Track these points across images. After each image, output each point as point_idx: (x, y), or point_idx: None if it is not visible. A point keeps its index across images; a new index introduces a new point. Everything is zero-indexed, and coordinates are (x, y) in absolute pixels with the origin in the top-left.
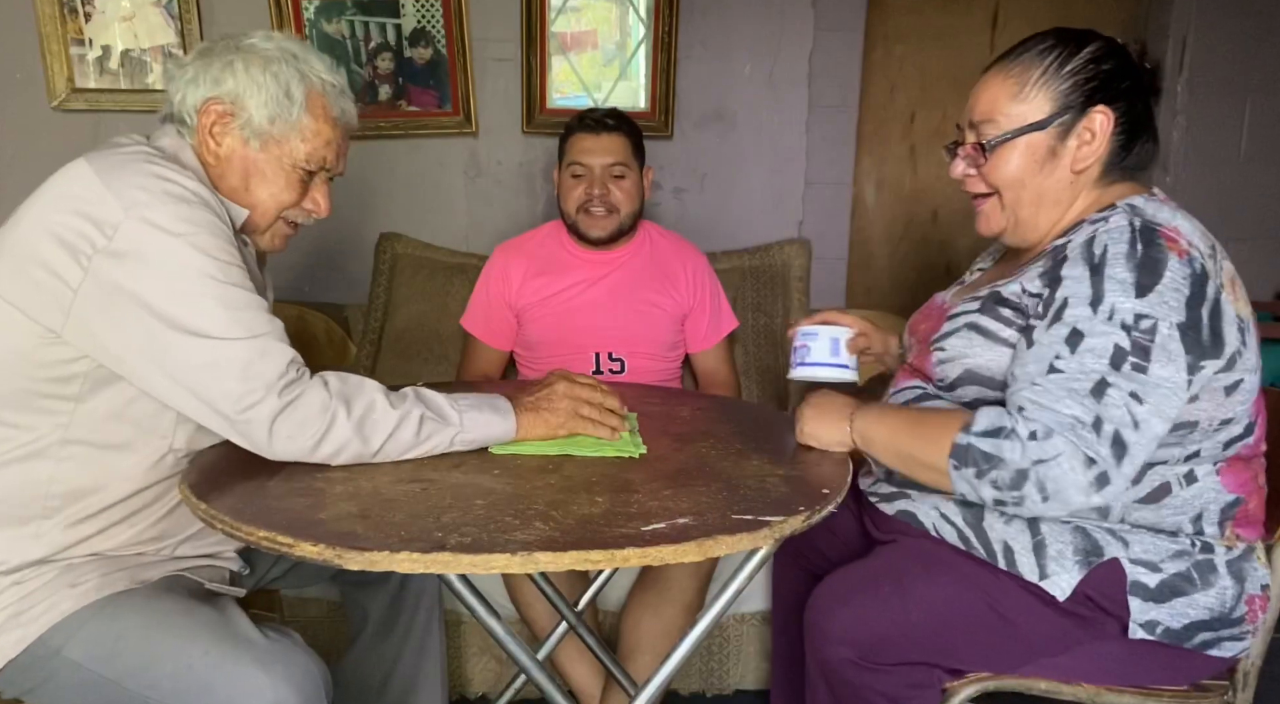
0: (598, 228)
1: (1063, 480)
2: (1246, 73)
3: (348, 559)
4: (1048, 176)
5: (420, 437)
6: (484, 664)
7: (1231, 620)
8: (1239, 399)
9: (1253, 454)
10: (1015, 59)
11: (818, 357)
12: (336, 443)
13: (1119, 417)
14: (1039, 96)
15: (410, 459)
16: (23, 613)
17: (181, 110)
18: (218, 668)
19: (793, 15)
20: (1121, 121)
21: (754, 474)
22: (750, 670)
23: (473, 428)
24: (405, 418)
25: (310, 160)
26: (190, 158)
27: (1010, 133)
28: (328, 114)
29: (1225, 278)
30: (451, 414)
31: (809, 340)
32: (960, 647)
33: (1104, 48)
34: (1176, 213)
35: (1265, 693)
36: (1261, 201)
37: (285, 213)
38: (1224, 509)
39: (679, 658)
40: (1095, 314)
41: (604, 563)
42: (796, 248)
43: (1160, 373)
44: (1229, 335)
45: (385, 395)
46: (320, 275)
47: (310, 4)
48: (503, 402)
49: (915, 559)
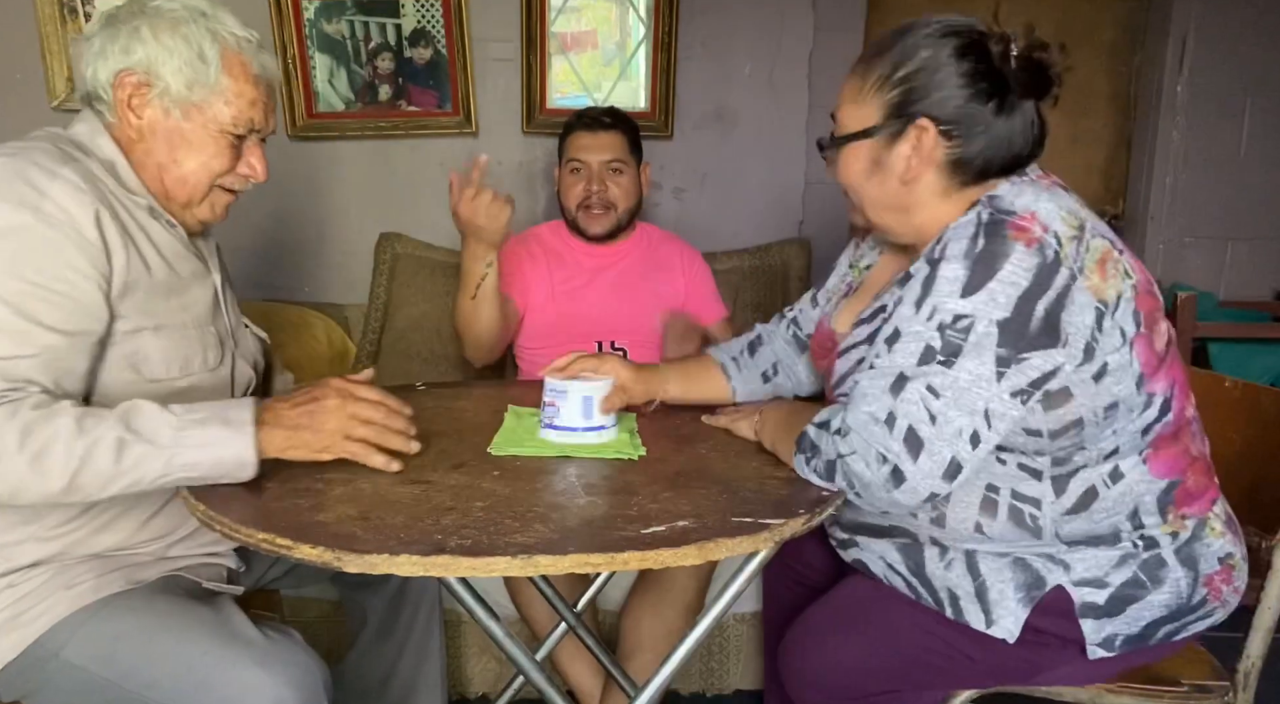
0: (596, 224)
1: (862, 476)
2: (1246, 73)
3: (347, 562)
4: (879, 186)
5: (122, 465)
6: (484, 664)
7: (1192, 607)
8: (1111, 381)
9: (1177, 429)
10: (868, 55)
11: (567, 419)
12: (9, 482)
13: (913, 412)
14: (872, 102)
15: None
16: (19, 616)
17: (94, 86)
18: (216, 667)
19: (793, 15)
20: (959, 129)
21: (753, 476)
22: (750, 670)
23: (191, 448)
24: (97, 444)
25: (237, 123)
26: (104, 143)
27: (841, 138)
28: (247, 72)
29: (1092, 260)
30: (163, 434)
31: (558, 399)
32: (926, 680)
33: (953, 50)
34: (1042, 194)
35: (1265, 693)
36: (1261, 201)
37: (220, 180)
38: (1160, 497)
39: (679, 659)
40: (917, 313)
41: (604, 566)
42: (796, 248)
43: (964, 365)
44: (1073, 324)
45: (78, 421)
46: (320, 275)
47: (310, 4)
48: (241, 413)
49: (875, 601)
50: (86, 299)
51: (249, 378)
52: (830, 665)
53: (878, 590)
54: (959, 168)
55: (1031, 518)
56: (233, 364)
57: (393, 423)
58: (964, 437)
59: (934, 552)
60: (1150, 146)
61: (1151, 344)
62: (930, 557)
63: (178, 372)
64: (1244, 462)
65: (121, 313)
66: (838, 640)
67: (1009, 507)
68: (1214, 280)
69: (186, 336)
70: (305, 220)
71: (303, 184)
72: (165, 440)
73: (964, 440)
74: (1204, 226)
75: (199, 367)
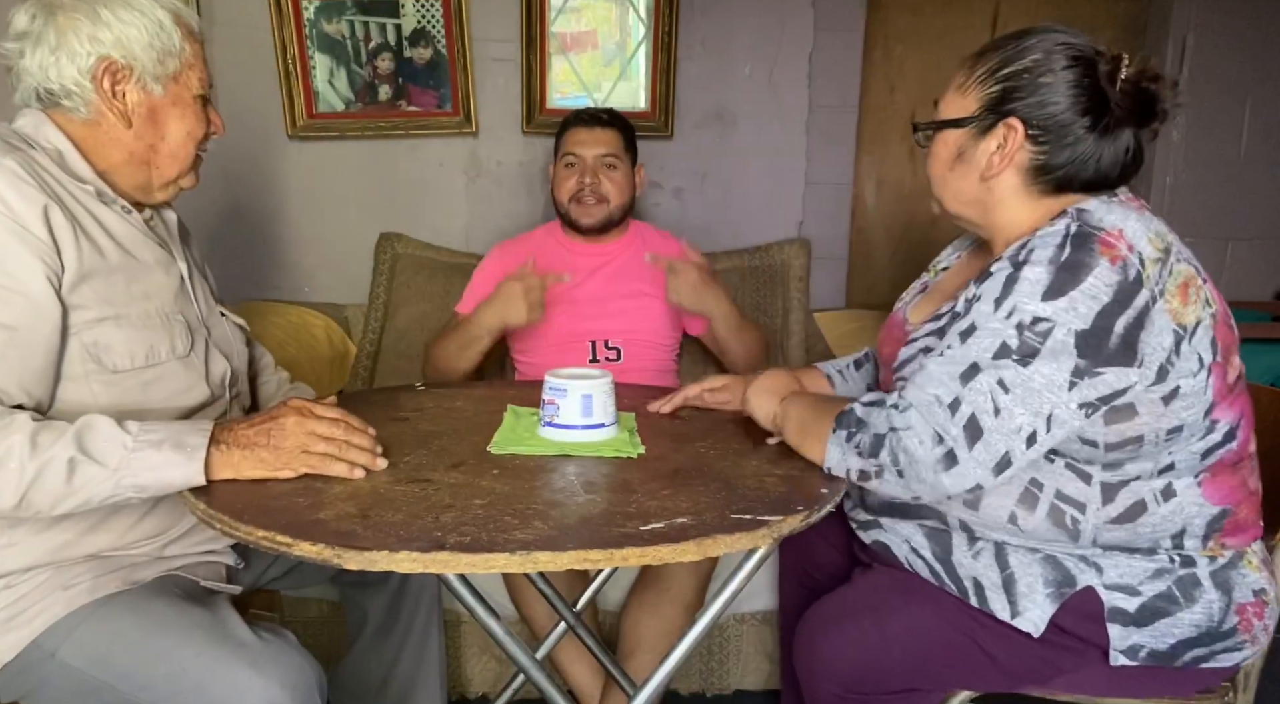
0: (588, 216)
1: (914, 452)
2: (1246, 73)
3: (347, 559)
4: (960, 177)
5: (73, 484)
6: (484, 664)
7: (1222, 634)
8: (1181, 405)
9: (1239, 458)
10: (986, 47)
11: (567, 418)
12: None
13: (979, 401)
14: (973, 93)
15: (82, 512)
16: (16, 616)
17: (61, 86)
18: (211, 669)
19: (793, 15)
20: (1047, 136)
21: (752, 474)
22: (750, 670)
23: (141, 471)
24: (49, 463)
25: (202, 84)
26: (50, 132)
27: (934, 124)
28: (192, 32)
29: (1174, 284)
30: (112, 455)
31: (558, 397)
32: (942, 676)
33: (1063, 58)
34: (1130, 214)
35: (1265, 693)
36: (1261, 201)
37: (200, 145)
38: (1209, 523)
39: (677, 658)
40: (996, 311)
41: (603, 562)
42: (796, 248)
43: (1039, 368)
44: (1150, 345)
45: (31, 438)
46: (320, 275)
47: (310, 4)
48: (194, 437)
49: (895, 590)
50: (34, 294)
51: (224, 369)
52: (846, 656)
53: (897, 580)
54: (1039, 174)
55: (1072, 520)
56: (206, 352)
57: (354, 439)
58: (1022, 434)
59: (962, 538)
60: (1150, 146)
61: (1225, 375)
62: (958, 543)
63: (143, 361)
64: None
65: (77, 303)
66: (855, 630)
67: (1050, 505)
68: (1214, 280)
69: (150, 324)
70: (305, 220)
71: (303, 184)
72: (114, 463)
73: (1021, 438)
74: (1204, 226)
75: (166, 354)
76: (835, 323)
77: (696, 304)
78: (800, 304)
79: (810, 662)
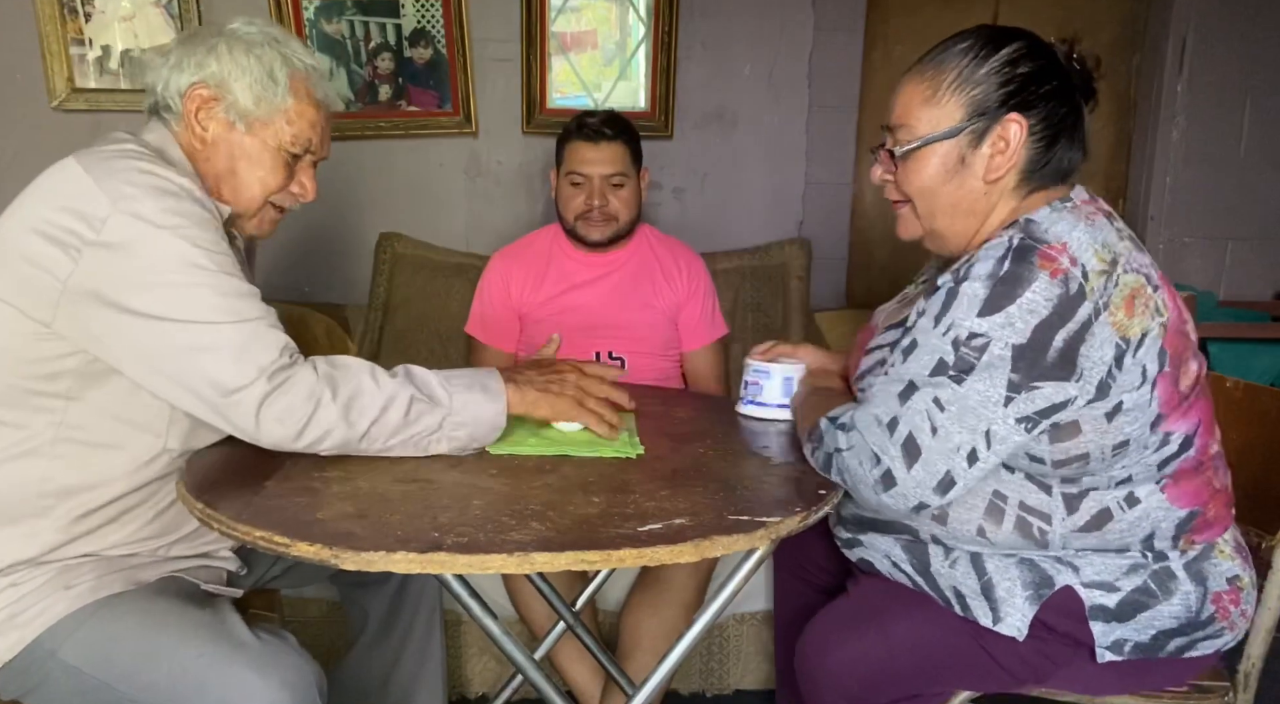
0: (596, 232)
1: (854, 472)
2: (1246, 73)
3: (344, 559)
4: (960, 186)
5: (409, 418)
6: (483, 664)
7: (1201, 623)
8: (1125, 420)
9: (1200, 462)
10: (933, 60)
11: (769, 397)
12: (322, 427)
13: (916, 421)
14: (951, 102)
15: (398, 451)
16: (18, 615)
17: (165, 97)
18: (212, 670)
19: (793, 15)
20: (1039, 128)
21: (751, 475)
22: (750, 670)
23: (463, 409)
24: (393, 400)
25: (296, 142)
26: (176, 152)
27: (920, 141)
28: (311, 96)
29: (1121, 296)
30: (442, 395)
31: (761, 378)
32: (946, 679)
33: (1023, 48)
34: (1079, 223)
35: (1265, 693)
36: (1261, 201)
37: (272, 197)
38: (1178, 525)
39: (676, 658)
40: (935, 327)
41: (600, 563)
42: (796, 248)
43: (974, 385)
44: (1090, 359)
45: (374, 376)
46: (320, 275)
47: (310, 4)
48: (494, 381)
49: (893, 597)
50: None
51: None
52: (853, 670)
53: (894, 590)
54: (1036, 169)
55: (1040, 531)
56: None
57: (615, 395)
58: (961, 453)
59: (938, 549)
60: (1150, 146)
61: (1176, 383)
62: (935, 554)
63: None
64: (1244, 462)
65: None
66: (857, 641)
67: (1016, 517)
68: (1214, 280)
69: None
70: (305, 220)
71: None
72: (443, 401)
73: (960, 457)
74: (1204, 226)
75: None
76: (835, 323)
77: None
78: (800, 304)
79: (815, 676)
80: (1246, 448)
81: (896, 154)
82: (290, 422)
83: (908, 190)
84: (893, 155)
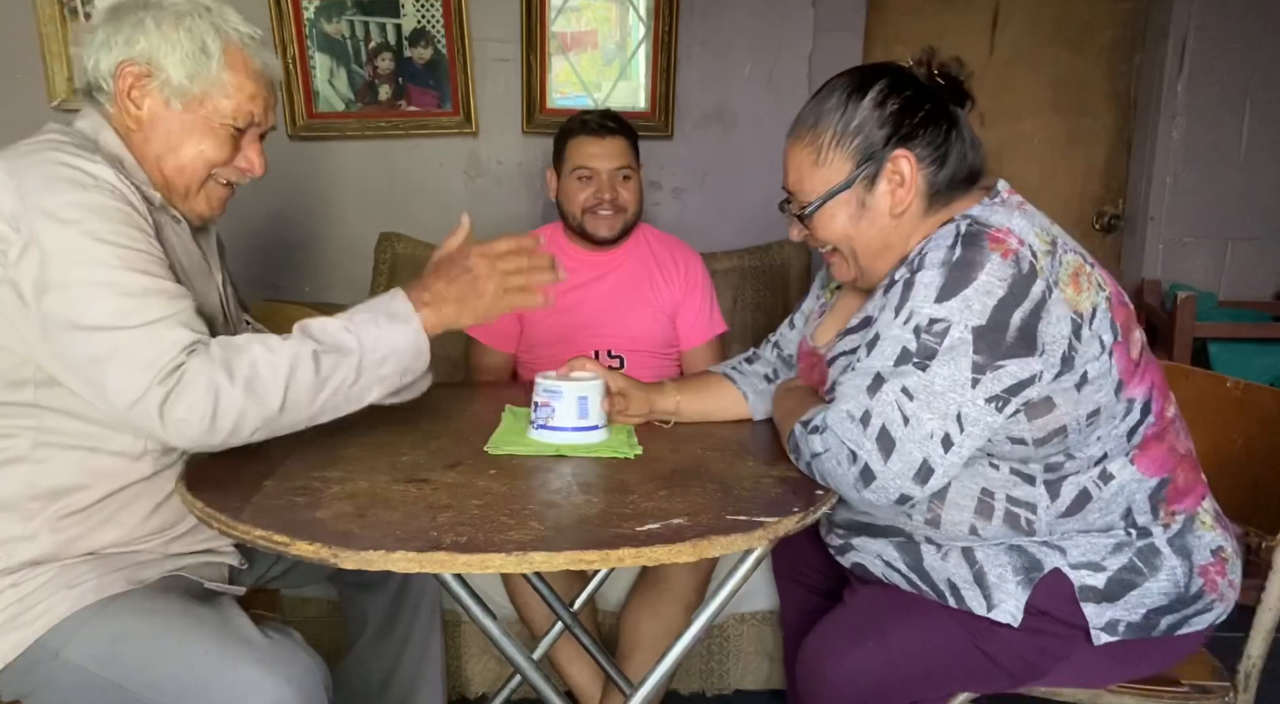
0: (605, 227)
1: (834, 474)
2: (1246, 73)
3: (343, 558)
4: (871, 226)
5: (321, 374)
6: (483, 664)
7: (1190, 597)
8: (1092, 389)
9: (1161, 429)
10: (807, 122)
11: (562, 420)
12: (232, 414)
13: (887, 412)
14: (835, 159)
15: (329, 414)
16: (21, 615)
17: (96, 76)
18: (218, 668)
19: (793, 15)
20: (927, 154)
21: (749, 475)
22: (750, 670)
23: (375, 345)
24: (297, 360)
25: (237, 116)
26: (108, 136)
27: (818, 200)
28: (248, 67)
29: (1066, 274)
30: (348, 339)
31: (553, 398)
32: (946, 683)
33: (888, 86)
34: (1014, 212)
35: (1265, 693)
36: (1261, 201)
37: (216, 172)
38: (1151, 494)
39: (675, 658)
40: (896, 318)
41: (599, 563)
42: (796, 248)
43: (938, 371)
44: (1049, 334)
45: (266, 345)
46: (320, 275)
47: (310, 4)
48: (399, 304)
49: (890, 604)
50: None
51: None
52: (854, 683)
53: (889, 597)
54: (936, 189)
55: (1027, 522)
56: None
57: (536, 261)
58: (935, 439)
59: (930, 547)
60: (1150, 146)
61: (1128, 351)
62: (927, 552)
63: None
64: (1244, 461)
65: None
66: (856, 653)
67: (1005, 511)
68: (1214, 280)
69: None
70: (305, 220)
71: (303, 184)
72: (350, 344)
73: (935, 443)
74: (1204, 226)
75: None
76: None
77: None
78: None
79: (817, 690)
80: (1246, 448)
81: (802, 216)
82: (195, 419)
83: (826, 240)
84: (800, 218)
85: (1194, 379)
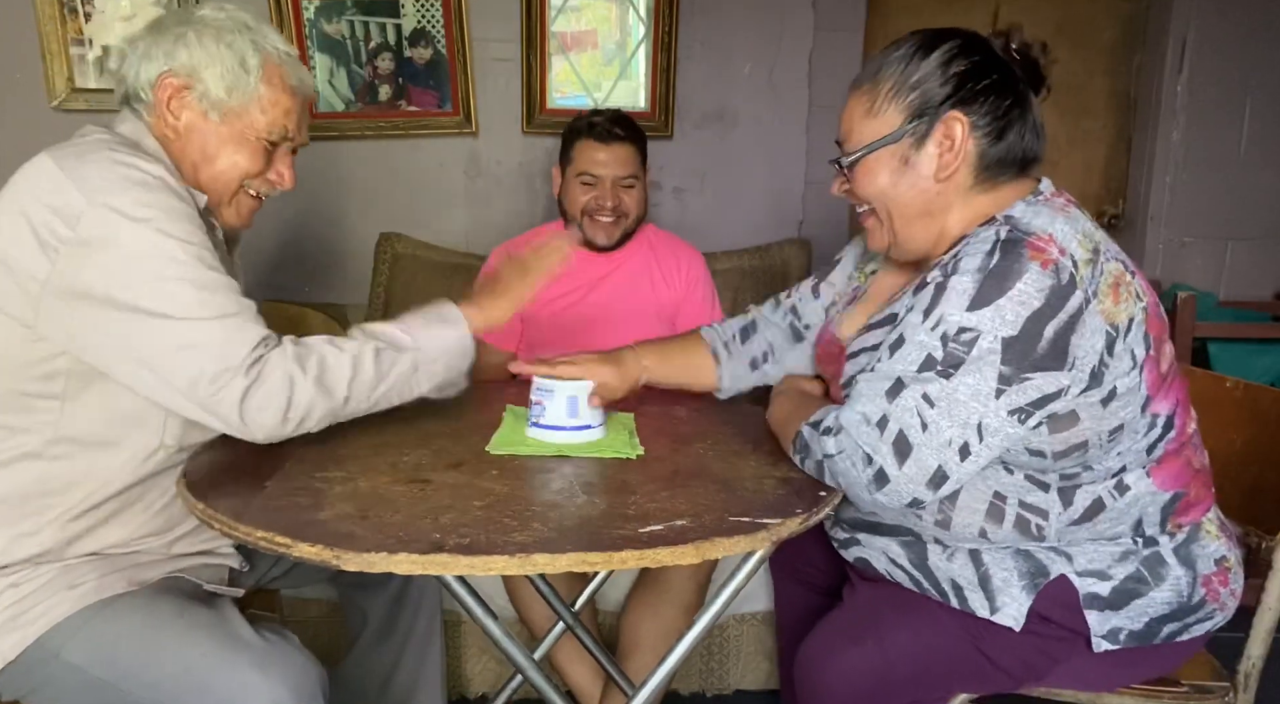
0: (603, 235)
1: (847, 475)
2: (1246, 73)
3: (345, 560)
4: (911, 188)
5: (382, 369)
6: (483, 664)
7: (1192, 607)
8: (1119, 405)
9: (1180, 444)
10: (870, 72)
11: (553, 418)
12: (303, 405)
13: (906, 418)
14: (890, 110)
15: (384, 403)
16: (21, 615)
17: (136, 87)
18: (215, 669)
19: (793, 15)
20: (984, 123)
21: (751, 476)
22: (750, 670)
23: (429, 344)
24: (359, 357)
25: (272, 130)
26: (150, 143)
27: (864, 149)
28: (285, 83)
29: (1106, 284)
30: (405, 338)
31: (544, 397)
32: (944, 684)
33: (957, 47)
34: (1057, 216)
35: (1265, 694)
36: (1261, 201)
37: (248, 183)
38: (1163, 508)
39: (675, 659)
40: (924, 322)
41: (601, 565)
42: (796, 248)
43: (963, 380)
44: (1082, 348)
45: (332, 344)
46: (320, 275)
47: (310, 4)
48: (449, 310)
49: (889, 605)
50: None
51: None
52: (847, 680)
53: (889, 596)
54: (987, 163)
55: (1037, 528)
56: None
57: (549, 242)
58: (953, 447)
59: (936, 547)
60: (1150, 146)
61: (1158, 365)
62: (933, 551)
63: None
64: (1244, 462)
65: None
66: (854, 654)
67: (1016, 516)
68: (1214, 280)
69: None
70: (305, 220)
71: (303, 184)
72: (407, 343)
73: (952, 451)
74: (1204, 226)
75: None
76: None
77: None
78: None
79: (815, 690)
80: (1246, 448)
81: (844, 165)
82: (272, 408)
83: (864, 196)
84: (843, 167)
85: (1194, 379)
